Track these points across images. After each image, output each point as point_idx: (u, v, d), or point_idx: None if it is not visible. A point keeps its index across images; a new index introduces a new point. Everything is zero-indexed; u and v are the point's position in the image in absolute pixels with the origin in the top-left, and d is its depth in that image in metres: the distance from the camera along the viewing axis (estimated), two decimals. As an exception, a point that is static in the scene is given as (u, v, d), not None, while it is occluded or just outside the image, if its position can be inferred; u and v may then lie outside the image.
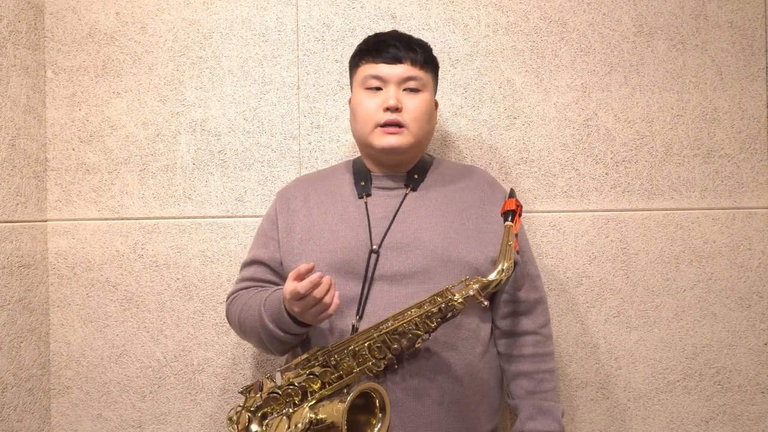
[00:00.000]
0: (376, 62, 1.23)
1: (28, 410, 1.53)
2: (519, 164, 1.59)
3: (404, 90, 1.22)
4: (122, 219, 1.60)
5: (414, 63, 1.23)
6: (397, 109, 1.20)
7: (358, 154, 1.59)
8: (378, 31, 1.57)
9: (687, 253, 1.58)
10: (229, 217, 1.59)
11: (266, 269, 1.29)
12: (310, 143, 1.59)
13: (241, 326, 1.24)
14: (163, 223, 1.60)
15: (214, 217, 1.60)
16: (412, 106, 1.22)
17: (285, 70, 1.60)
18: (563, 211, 1.58)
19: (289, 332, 1.14)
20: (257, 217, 1.59)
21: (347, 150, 1.59)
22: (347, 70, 1.58)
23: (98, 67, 1.61)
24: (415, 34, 1.57)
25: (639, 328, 1.58)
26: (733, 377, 1.59)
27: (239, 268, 1.37)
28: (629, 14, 1.59)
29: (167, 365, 1.60)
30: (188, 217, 1.60)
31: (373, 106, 1.22)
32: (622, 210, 1.59)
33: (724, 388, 1.59)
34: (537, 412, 1.22)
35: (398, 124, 1.21)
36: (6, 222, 1.47)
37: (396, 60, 1.22)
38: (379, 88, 1.23)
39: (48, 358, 1.60)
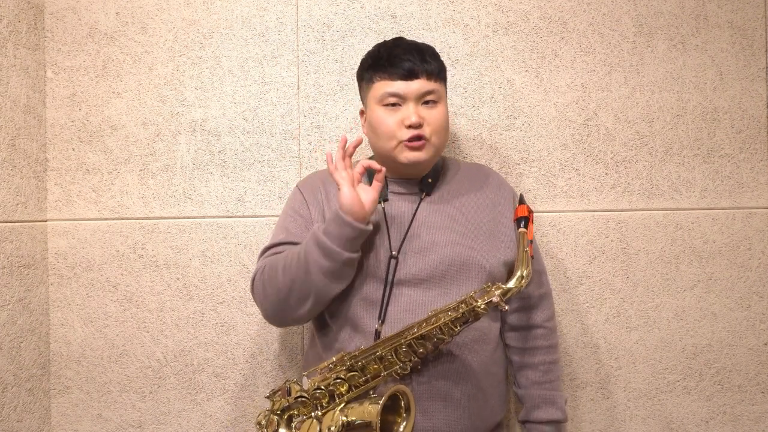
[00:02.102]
0: (392, 79, 1.22)
1: (28, 410, 1.53)
2: (519, 164, 1.59)
3: (422, 104, 1.23)
4: (122, 219, 1.60)
5: (429, 76, 1.23)
6: (419, 125, 1.21)
7: (359, 155, 1.59)
8: (378, 34, 1.59)
9: (687, 253, 1.58)
10: (229, 217, 1.59)
11: None
12: (310, 143, 1.59)
13: (286, 275, 1.18)
14: (163, 223, 1.60)
15: (214, 217, 1.60)
16: (432, 119, 1.23)
17: (285, 70, 1.60)
18: (563, 211, 1.58)
19: (346, 237, 1.14)
20: (257, 217, 1.59)
21: (347, 150, 1.59)
22: (347, 70, 1.59)
23: (98, 67, 1.61)
24: (415, 34, 1.58)
25: (639, 328, 1.58)
26: (733, 377, 1.59)
27: (259, 254, 1.30)
28: (629, 14, 1.59)
29: (167, 365, 1.60)
30: (188, 217, 1.60)
31: (393, 123, 1.22)
32: (622, 210, 1.59)
33: (724, 388, 1.59)
34: (541, 402, 1.29)
35: (421, 138, 1.22)
36: (6, 222, 1.47)
37: (412, 75, 1.21)
38: (396, 104, 1.23)
39: (48, 358, 1.60)
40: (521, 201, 1.20)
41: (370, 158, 1.36)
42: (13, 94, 1.50)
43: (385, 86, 1.23)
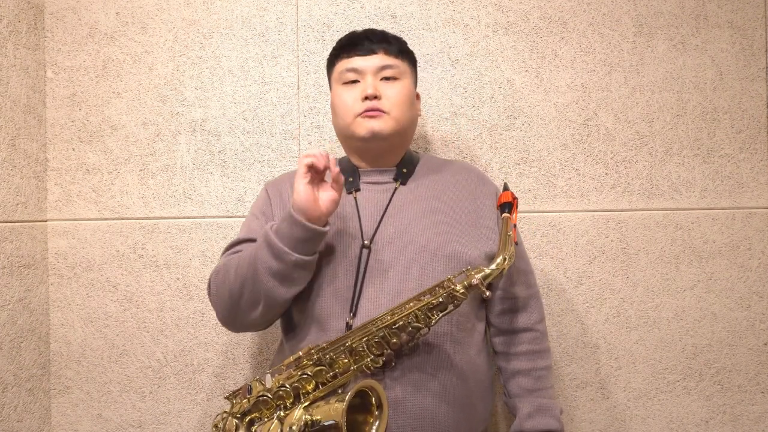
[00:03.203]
0: (350, 56, 1.23)
1: (28, 410, 1.53)
2: (519, 164, 1.59)
3: (382, 79, 1.21)
4: (122, 219, 1.60)
5: (388, 53, 1.23)
6: (375, 97, 1.19)
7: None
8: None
9: (687, 253, 1.58)
10: (229, 217, 1.59)
11: None
12: (310, 143, 1.59)
13: (237, 276, 1.12)
14: (163, 223, 1.60)
15: (214, 217, 1.60)
16: (392, 93, 1.21)
17: (285, 70, 1.60)
18: (563, 211, 1.58)
19: (301, 238, 1.07)
20: (257, 217, 1.59)
21: (347, 150, 1.59)
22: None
23: (98, 67, 1.61)
24: (415, 34, 1.58)
25: (639, 328, 1.58)
26: (733, 377, 1.59)
27: (222, 250, 1.27)
28: (629, 14, 1.59)
29: (167, 365, 1.60)
30: (188, 217, 1.60)
31: (351, 99, 1.21)
32: (622, 210, 1.59)
33: (724, 388, 1.59)
34: (535, 410, 1.21)
35: (378, 110, 1.19)
36: (6, 222, 1.47)
37: (370, 51, 1.22)
38: (356, 81, 1.22)
39: (48, 358, 1.60)
40: (505, 188, 1.15)
41: (341, 159, 1.32)
42: (13, 94, 1.50)
43: (344, 64, 1.24)
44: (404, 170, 1.26)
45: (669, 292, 1.58)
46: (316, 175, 1.09)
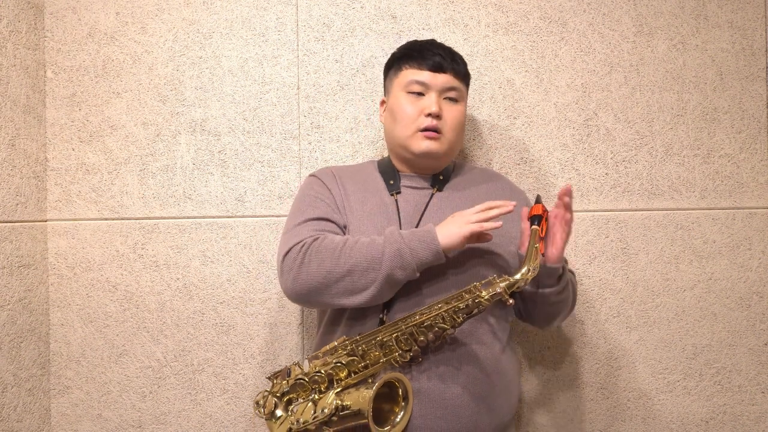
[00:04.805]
0: (421, 68, 1.27)
1: (28, 410, 1.53)
2: (519, 164, 1.59)
3: (444, 99, 1.27)
4: (122, 219, 1.60)
5: (456, 74, 1.29)
6: (438, 116, 1.25)
7: (359, 155, 1.60)
8: (378, 34, 1.59)
9: (687, 253, 1.58)
10: (229, 217, 1.59)
11: (335, 227, 1.25)
12: (310, 143, 1.59)
13: (346, 260, 1.15)
14: (163, 223, 1.60)
15: (214, 217, 1.60)
16: (451, 115, 1.27)
17: (285, 70, 1.60)
18: (563, 211, 1.58)
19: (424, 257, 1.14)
20: (257, 217, 1.59)
21: (347, 150, 1.59)
22: (347, 70, 1.59)
23: (98, 67, 1.61)
24: (415, 34, 1.58)
25: (639, 328, 1.58)
26: (733, 377, 1.59)
27: (292, 225, 1.25)
28: (629, 14, 1.59)
29: (167, 365, 1.60)
30: (188, 217, 1.60)
31: (414, 111, 1.26)
32: (622, 210, 1.59)
33: (724, 388, 1.59)
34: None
35: (437, 130, 1.25)
36: (6, 222, 1.47)
37: (440, 69, 1.27)
38: (420, 94, 1.27)
39: (48, 358, 1.60)
40: (537, 201, 1.21)
41: (383, 159, 1.37)
42: (13, 94, 1.50)
43: (412, 74, 1.28)
44: (441, 177, 1.33)
45: (669, 292, 1.58)
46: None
